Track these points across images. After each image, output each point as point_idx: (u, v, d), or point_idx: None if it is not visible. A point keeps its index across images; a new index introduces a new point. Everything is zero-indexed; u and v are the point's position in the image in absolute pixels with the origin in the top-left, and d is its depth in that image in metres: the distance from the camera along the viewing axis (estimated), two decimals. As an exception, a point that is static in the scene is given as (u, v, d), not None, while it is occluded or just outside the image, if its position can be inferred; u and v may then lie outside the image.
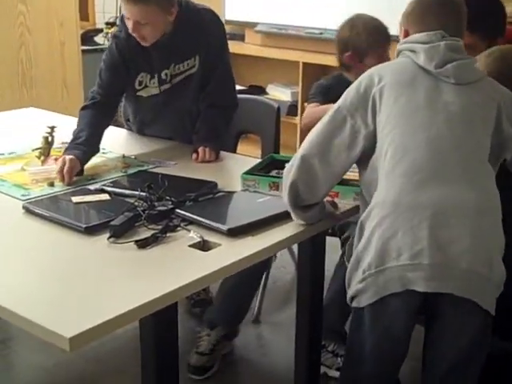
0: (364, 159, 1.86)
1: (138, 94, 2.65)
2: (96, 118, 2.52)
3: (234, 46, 5.05)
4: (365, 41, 2.62)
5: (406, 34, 1.97)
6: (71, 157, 2.27)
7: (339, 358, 2.57)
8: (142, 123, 2.82)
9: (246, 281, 2.53)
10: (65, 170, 2.21)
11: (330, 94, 2.65)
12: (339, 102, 1.89)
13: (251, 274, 2.29)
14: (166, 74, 2.59)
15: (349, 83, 2.69)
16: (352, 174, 2.15)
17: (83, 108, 2.59)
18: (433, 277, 1.64)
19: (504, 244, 1.73)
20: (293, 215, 1.90)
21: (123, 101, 2.80)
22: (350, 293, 1.78)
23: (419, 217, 1.66)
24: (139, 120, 2.82)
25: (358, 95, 1.86)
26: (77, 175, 2.28)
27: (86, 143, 2.39)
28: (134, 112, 2.81)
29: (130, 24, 2.39)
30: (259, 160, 2.38)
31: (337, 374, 2.54)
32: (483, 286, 1.67)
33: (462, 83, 1.83)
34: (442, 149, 1.74)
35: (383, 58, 2.63)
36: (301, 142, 4.48)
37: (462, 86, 1.83)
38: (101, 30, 5.70)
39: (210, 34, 2.57)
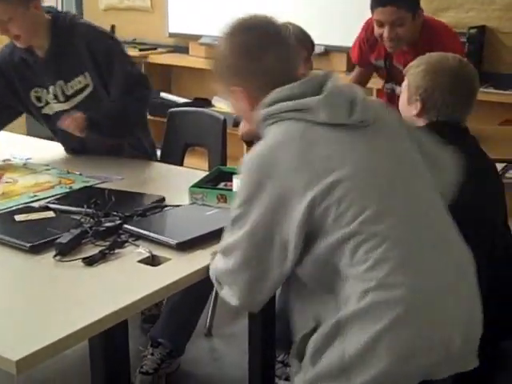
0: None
1: (43, 112, 2.63)
2: None
3: (178, 59, 5.06)
4: None
5: (248, 95, 1.57)
6: None
7: (289, 368, 2.55)
8: (73, 149, 2.75)
9: (192, 296, 2.47)
10: None
11: None
12: (251, 220, 1.49)
13: (197, 289, 2.25)
14: (57, 92, 2.56)
15: None
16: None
17: None
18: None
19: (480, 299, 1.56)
20: None
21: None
22: None
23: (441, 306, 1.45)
24: (69, 147, 2.76)
25: (268, 207, 1.47)
26: None
27: None
28: (58, 138, 2.75)
29: None
30: (206, 173, 2.37)
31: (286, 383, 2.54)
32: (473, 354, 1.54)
33: (379, 122, 1.56)
34: (416, 224, 1.49)
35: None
36: (246, 153, 4.44)
37: (381, 127, 1.56)
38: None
39: (92, 50, 2.49)
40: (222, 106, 4.87)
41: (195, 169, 2.63)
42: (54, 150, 2.79)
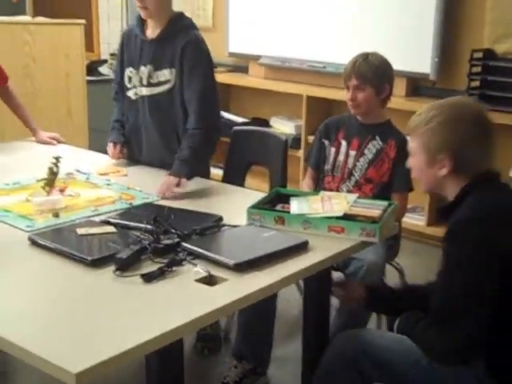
0: None
1: (128, 94, 2.83)
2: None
3: (237, 79, 5.12)
4: None
5: None
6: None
7: None
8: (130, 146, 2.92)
9: (260, 312, 2.52)
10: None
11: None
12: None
13: (265, 306, 2.36)
14: (144, 74, 2.74)
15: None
16: (360, 209, 2.16)
17: (114, 98, 2.99)
18: None
19: None
20: None
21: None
22: None
23: None
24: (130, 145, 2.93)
25: None
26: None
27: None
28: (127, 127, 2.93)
29: None
30: (265, 193, 2.38)
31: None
32: None
33: None
34: None
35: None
36: (303, 174, 4.45)
37: None
38: (105, 61, 5.75)
39: (184, 54, 2.68)
40: (279, 126, 4.90)
41: (256, 190, 2.64)
42: (113, 165, 2.86)
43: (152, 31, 2.76)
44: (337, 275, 2.40)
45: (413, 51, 4.23)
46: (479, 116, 1.84)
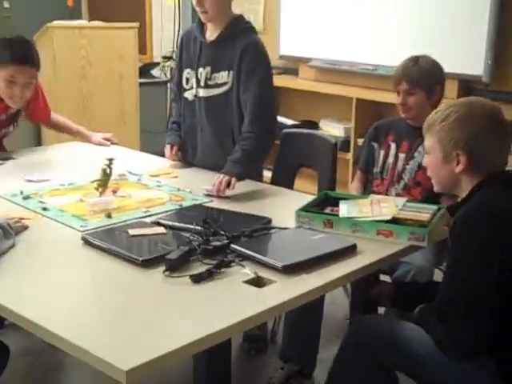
0: None
1: (185, 95, 2.86)
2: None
3: (287, 81, 5.12)
4: None
5: None
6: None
7: None
8: (185, 147, 2.94)
9: (308, 315, 2.54)
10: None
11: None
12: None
13: (312, 308, 2.36)
14: (202, 76, 2.76)
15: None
16: (408, 213, 2.15)
17: (173, 100, 3.01)
18: None
19: None
20: None
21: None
22: None
23: None
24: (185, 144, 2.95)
25: None
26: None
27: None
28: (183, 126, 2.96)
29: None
30: (314, 196, 2.39)
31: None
32: None
33: None
34: None
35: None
36: (352, 177, 4.43)
37: None
38: (157, 64, 5.83)
39: (243, 57, 2.68)
40: (328, 129, 4.89)
41: (304, 192, 2.65)
42: (165, 166, 2.90)
43: (211, 33, 2.78)
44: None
45: (465, 53, 4.16)
46: (493, 113, 1.88)
